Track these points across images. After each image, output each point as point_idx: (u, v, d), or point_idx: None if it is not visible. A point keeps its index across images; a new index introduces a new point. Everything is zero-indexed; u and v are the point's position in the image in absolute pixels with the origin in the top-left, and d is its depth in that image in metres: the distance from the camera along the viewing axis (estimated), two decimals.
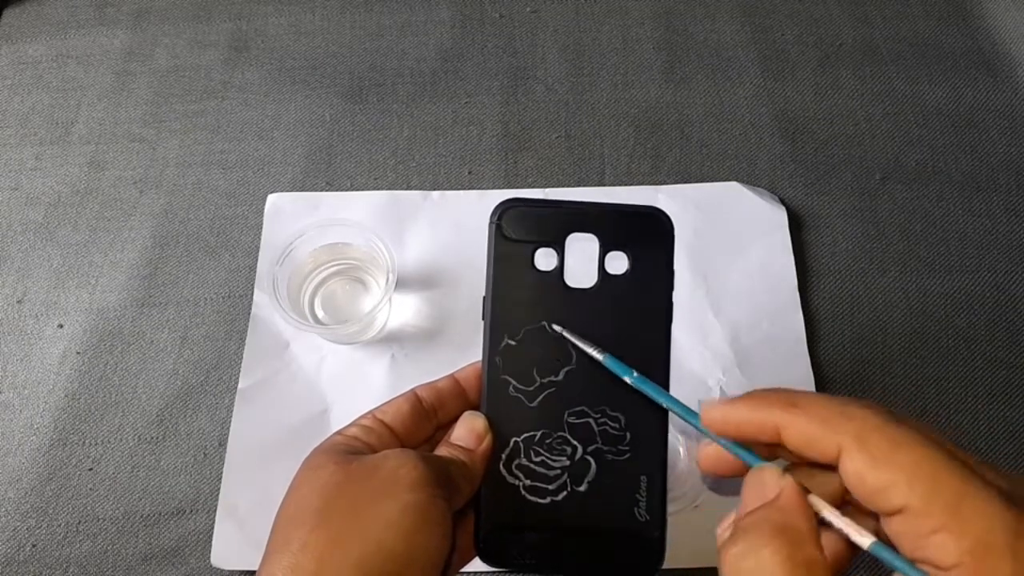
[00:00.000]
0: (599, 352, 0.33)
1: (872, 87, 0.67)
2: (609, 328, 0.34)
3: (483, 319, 0.35)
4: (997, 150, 0.64)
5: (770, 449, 0.29)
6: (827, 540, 0.27)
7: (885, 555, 0.25)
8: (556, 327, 0.34)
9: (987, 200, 0.62)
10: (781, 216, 0.60)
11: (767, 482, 0.27)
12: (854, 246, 0.60)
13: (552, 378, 0.34)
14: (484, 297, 0.35)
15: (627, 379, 0.33)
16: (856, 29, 0.70)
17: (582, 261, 0.35)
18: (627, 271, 0.35)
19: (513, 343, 0.34)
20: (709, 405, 0.29)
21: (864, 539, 0.25)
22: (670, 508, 0.34)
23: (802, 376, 0.54)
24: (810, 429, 0.26)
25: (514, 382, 0.34)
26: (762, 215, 0.60)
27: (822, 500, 0.26)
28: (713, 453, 0.30)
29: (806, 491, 0.27)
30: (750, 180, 0.62)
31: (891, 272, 0.59)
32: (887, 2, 0.72)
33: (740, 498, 0.28)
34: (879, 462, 0.24)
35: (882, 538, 0.25)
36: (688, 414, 0.31)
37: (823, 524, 0.26)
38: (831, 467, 0.26)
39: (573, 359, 0.34)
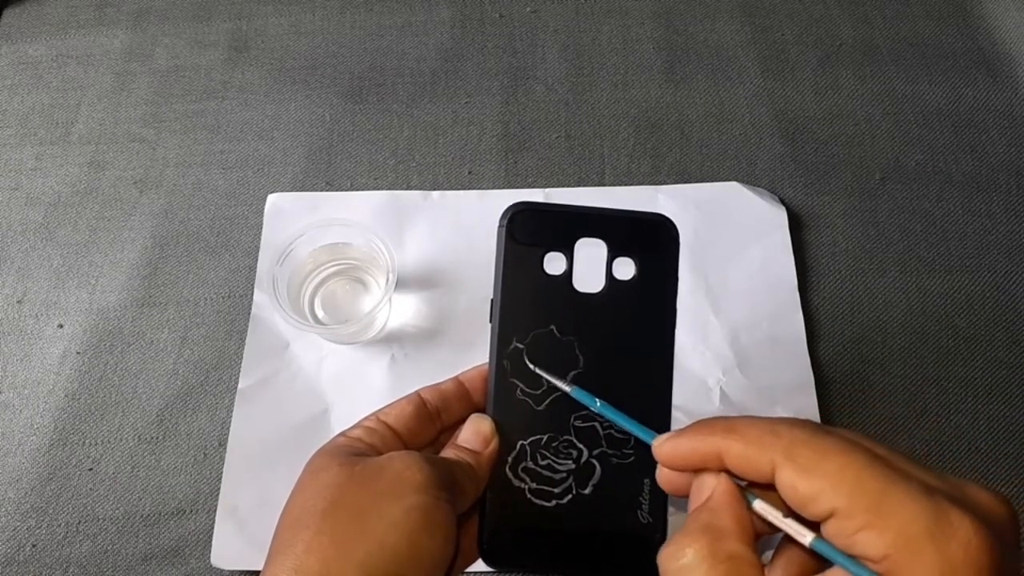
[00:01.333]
0: (567, 385, 0.34)
1: (872, 87, 0.67)
2: (615, 332, 0.34)
3: (491, 321, 0.35)
4: (997, 150, 0.64)
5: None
6: (789, 556, 0.29)
7: (825, 549, 0.26)
8: (530, 364, 0.34)
9: (987, 200, 0.62)
10: (781, 216, 0.60)
11: (703, 485, 0.29)
12: (854, 246, 0.60)
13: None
14: (492, 300, 0.35)
15: (591, 407, 0.33)
16: (856, 29, 0.70)
17: (590, 266, 0.35)
18: (634, 277, 0.35)
19: (521, 346, 0.34)
20: (659, 441, 0.30)
21: (806, 536, 0.26)
22: (670, 509, 0.34)
23: (802, 376, 0.54)
24: (746, 451, 0.27)
25: (522, 385, 0.34)
26: (762, 215, 0.60)
27: (767, 505, 0.28)
28: (668, 474, 0.31)
29: (752, 497, 0.28)
30: (750, 180, 0.62)
31: (891, 272, 0.59)
32: (887, 2, 0.72)
33: None
34: (807, 472, 0.25)
35: None
36: (649, 439, 0.32)
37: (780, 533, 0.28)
38: (772, 486, 0.27)
39: (580, 363, 0.34)
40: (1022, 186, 0.62)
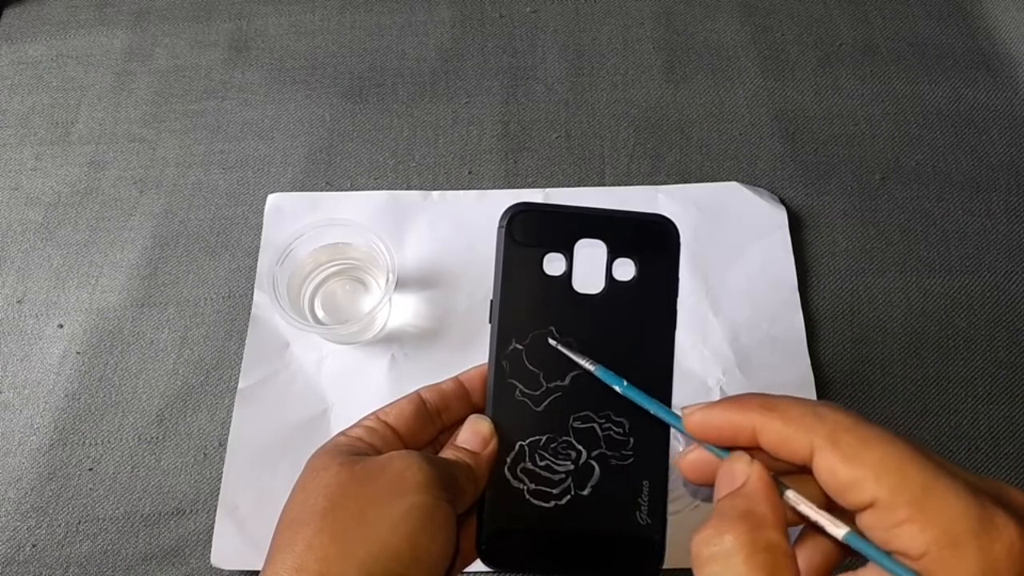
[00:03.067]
0: (591, 364, 0.34)
1: (872, 87, 0.67)
2: (615, 333, 0.34)
3: (490, 322, 0.35)
4: (997, 150, 0.64)
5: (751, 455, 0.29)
6: (813, 545, 0.28)
7: (859, 544, 0.25)
8: (552, 341, 0.34)
9: (987, 200, 0.62)
10: (781, 216, 0.60)
11: (736, 471, 0.28)
12: (854, 246, 0.60)
13: (559, 383, 0.34)
14: (492, 300, 0.35)
15: (617, 388, 0.33)
16: (856, 29, 0.70)
17: (590, 267, 0.35)
18: (634, 278, 0.35)
19: (520, 347, 0.34)
20: (690, 410, 0.30)
21: (839, 530, 0.26)
22: (669, 508, 0.34)
23: (802, 376, 0.54)
24: (785, 430, 0.27)
25: (520, 386, 0.34)
26: (762, 215, 0.60)
27: (800, 495, 0.27)
28: (694, 460, 0.30)
29: (784, 487, 0.27)
30: (750, 180, 0.62)
31: (891, 272, 0.59)
32: (887, 2, 0.72)
33: None
34: (849, 459, 0.25)
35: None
36: (676, 421, 0.32)
37: (809, 523, 0.27)
38: (805, 469, 0.27)
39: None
40: (1022, 186, 0.62)
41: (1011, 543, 0.23)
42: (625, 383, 0.33)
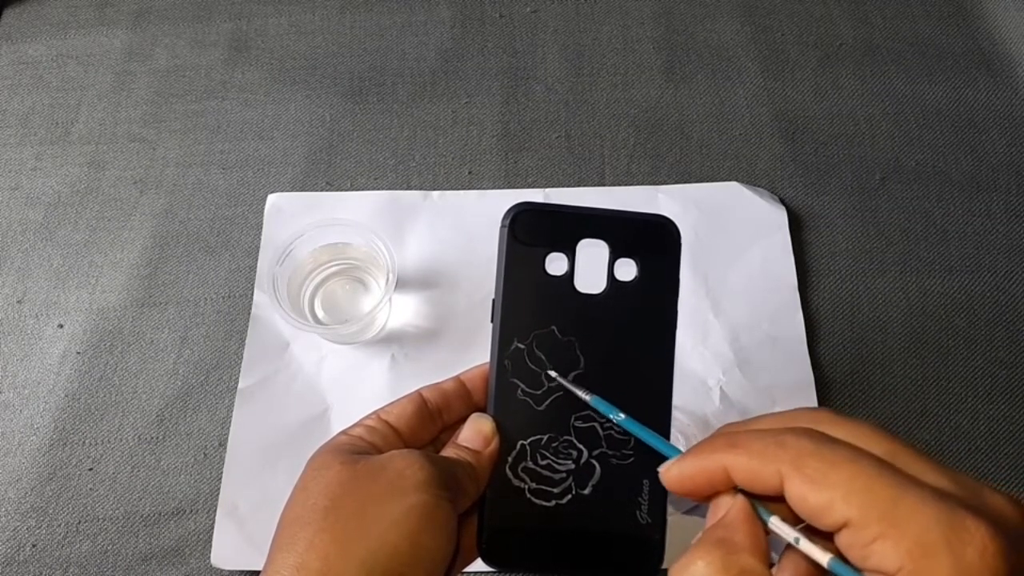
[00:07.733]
0: (587, 394, 0.34)
1: (872, 87, 0.67)
2: (616, 333, 0.34)
3: (492, 322, 0.35)
4: (997, 150, 0.64)
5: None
6: (795, 565, 0.28)
7: (842, 570, 0.25)
8: (552, 372, 0.34)
9: (987, 200, 0.62)
10: (781, 216, 0.60)
11: (721, 503, 0.28)
12: (854, 246, 0.60)
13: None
14: (493, 300, 0.35)
15: (613, 418, 0.33)
16: (856, 29, 0.70)
17: (592, 267, 0.35)
18: (635, 278, 0.35)
19: (522, 347, 0.34)
20: (665, 467, 0.30)
21: (823, 556, 0.26)
22: (669, 509, 0.34)
23: (802, 376, 0.54)
24: (751, 464, 0.27)
25: (522, 385, 0.34)
26: (762, 215, 0.60)
27: (783, 524, 0.27)
28: (675, 473, 0.30)
29: (769, 514, 0.27)
30: (750, 180, 0.62)
31: (891, 272, 0.59)
32: (887, 2, 0.72)
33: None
34: (816, 483, 0.25)
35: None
36: (672, 452, 0.31)
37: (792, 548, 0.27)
38: (782, 498, 0.27)
39: (581, 363, 0.34)
40: (1022, 186, 0.62)
41: (983, 546, 0.23)
42: (622, 415, 0.33)
